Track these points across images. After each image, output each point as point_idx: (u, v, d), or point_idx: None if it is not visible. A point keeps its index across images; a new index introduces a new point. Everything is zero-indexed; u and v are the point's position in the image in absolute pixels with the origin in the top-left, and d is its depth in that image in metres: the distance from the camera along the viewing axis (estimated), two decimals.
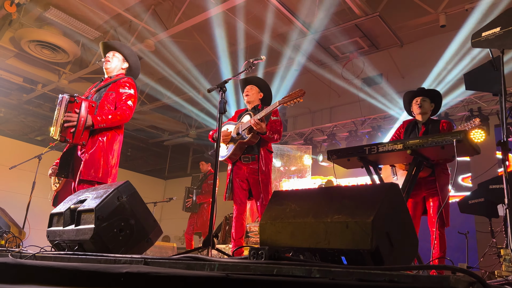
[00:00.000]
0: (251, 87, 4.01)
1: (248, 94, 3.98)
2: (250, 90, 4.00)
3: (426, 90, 3.97)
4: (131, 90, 3.47)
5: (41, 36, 7.59)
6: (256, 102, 4.01)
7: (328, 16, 6.95)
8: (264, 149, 3.83)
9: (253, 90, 4.00)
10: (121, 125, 3.50)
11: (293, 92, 3.43)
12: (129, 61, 3.74)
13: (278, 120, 3.83)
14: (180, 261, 1.66)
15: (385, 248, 1.57)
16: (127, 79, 3.55)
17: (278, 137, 3.79)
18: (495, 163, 6.47)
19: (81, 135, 3.22)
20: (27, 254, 2.38)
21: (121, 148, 3.55)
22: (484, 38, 2.70)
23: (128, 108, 3.39)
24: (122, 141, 3.56)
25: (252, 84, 4.04)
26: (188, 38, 8.02)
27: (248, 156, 3.80)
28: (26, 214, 6.10)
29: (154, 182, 14.59)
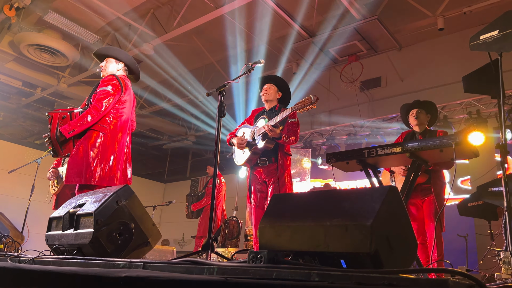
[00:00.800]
0: (270, 86, 3.93)
1: (267, 93, 3.90)
2: (269, 89, 3.92)
3: (421, 102, 4.12)
4: (107, 86, 3.43)
5: (40, 40, 7.60)
6: (274, 102, 3.93)
7: (326, 19, 6.97)
8: (281, 153, 3.75)
9: (272, 89, 3.92)
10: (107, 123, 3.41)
11: (306, 99, 3.36)
12: (122, 60, 3.73)
13: (295, 122, 3.76)
14: (179, 265, 1.65)
15: (385, 251, 1.57)
16: (107, 76, 3.53)
17: (295, 139, 3.72)
18: (494, 165, 6.47)
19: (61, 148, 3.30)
20: (25, 259, 2.37)
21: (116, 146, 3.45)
22: (482, 41, 2.71)
23: (99, 104, 3.33)
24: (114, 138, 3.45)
25: (271, 83, 3.95)
26: (187, 42, 8.04)
27: (265, 159, 3.74)
28: (25, 218, 6.08)
29: (153, 185, 14.58)
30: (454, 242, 5.83)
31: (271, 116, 3.76)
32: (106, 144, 3.38)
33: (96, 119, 3.34)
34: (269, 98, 3.90)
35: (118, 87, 3.46)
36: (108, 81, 3.46)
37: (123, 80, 3.55)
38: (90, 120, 3.31)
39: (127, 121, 3.60)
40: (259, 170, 3.81)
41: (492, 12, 6.16)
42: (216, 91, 3.17)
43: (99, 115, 3.34)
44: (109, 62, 3.69)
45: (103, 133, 3.39)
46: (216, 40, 8.01)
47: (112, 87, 3.43)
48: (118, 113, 3.49)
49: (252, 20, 7.14)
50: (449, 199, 7.04)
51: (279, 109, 3.83)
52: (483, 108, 7.11)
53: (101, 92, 3.38)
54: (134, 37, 7.67)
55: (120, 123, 3.51)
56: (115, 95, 3.43)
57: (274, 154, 3.73)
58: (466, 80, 2.95)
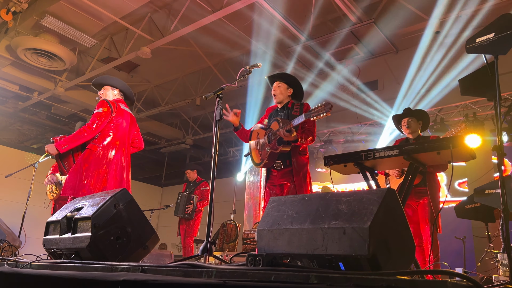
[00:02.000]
0: (279, 84, 3.81)
1: (276, 94, 3.80)
2: (278, 89, 3.80)
3: (411, 110, 4.24)
4: (99, 109, 3.87)
5: (37, 44, 7.59)
6: (286, 100, 3.80)
7: (324, 23, 7.00)
8: (295, 154, 3.64)
9: (281, 87, 3.80)
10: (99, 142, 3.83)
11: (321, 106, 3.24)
12: (117, 87, 4.18)
13: (311, 120, 3.56)
14: (177, 269, 1.65)
15: (383, 254, 1.57)
16: (100, 101, 3.97)
17: (312, 139, 3.62)
18: (491, 168, 6.49)
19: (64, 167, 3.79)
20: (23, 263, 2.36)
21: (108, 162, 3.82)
22: (478, 44, 2.73)
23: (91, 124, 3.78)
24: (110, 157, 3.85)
25: (279, 81, 3.84)
26: (184, 46, 8.04)
27: (280, 162, 3.63)
28: (22, 222, 6.05)
29: (151, 189, 14.55)
30: (452, 244, 5.84)
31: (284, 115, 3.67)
32: (98, 160, 3.77)
33: (89, 136, 3.77)
34: (279, 99, 3.79)
35: (108, 109, 3.89)
36: (100, 105, 3.91)
37: (113, 103, 3.97)
38: (82, 137, 3.73)
39: (122, 139, 3.99)
40: (275, 173, 3.71)
41: (488, 15, 6.20)
42: (213, 95, 3.18)
43: (91, 132, 3.76)
44: (106, 90, 4.14)
45: (95, 151, 3.79)
46: (213, 44, 8.02)
47: (103, 109, 3.86)
48: (110, 133, 3.90)
49: (249, 24, 7.15)
50: (447, 202, 7.06)
51: (292, 106, 3.73)
52: (480, 111, 7.14)
53: (94, 115, 3.84)
54: (132, 41, 7.67)
55: (113, 141, 3.90)
56: (107, 116, 3.85)
57: (289, 157, 3.62)
58: (463, 82, 2.96)
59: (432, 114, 7.51)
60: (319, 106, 3.25)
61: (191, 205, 6.96)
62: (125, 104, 4.15)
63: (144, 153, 13.42)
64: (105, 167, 3.77)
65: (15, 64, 8.69)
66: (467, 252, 5.46)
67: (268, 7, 6.21)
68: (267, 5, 6.18)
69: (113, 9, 7.05)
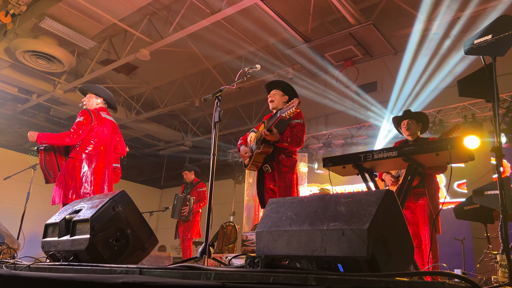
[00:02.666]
0: (274, 92, 3.94)
1: (273, 100, 3.91)
2: (273, 96, 3.93)
3: (411, 112, 4.25)
4: (80, 118, 4.05)
5: (36, 46, 7.60)
6: (281, 106, 3.87)
7: (322, 24, 7.01)
8: (281, 155, 3.72)
9: (277, 94, 3.92)
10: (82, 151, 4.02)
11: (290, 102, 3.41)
12: (101, 96, 4.35)
13: (299, 123, 3.76)
14: (176, 271, 1.65)
15: (381, 255, 1.57)
16: (81, 110, 4.14)
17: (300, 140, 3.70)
18: (490, 169, 6.50)
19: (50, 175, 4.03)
20: (21, 265, 2.36)
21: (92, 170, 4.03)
22: (476, 45, 2.73)
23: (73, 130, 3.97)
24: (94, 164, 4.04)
25: (276, 88, 3.96)
26: (183, 48, 8.05)
27: (267, 165, 3.75)
28: (20, 224, 6.05)
29: (149, 191, 14.54)
30: (451, 246, 5.83)
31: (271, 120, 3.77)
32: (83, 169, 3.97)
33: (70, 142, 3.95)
34: (275, 105, 3.90)
35: (89, 117, 4.06)
36: (81, 113, 4.09)
37: (93, 112, 4.14)
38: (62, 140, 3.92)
39: (105, 147, 4.17)
40: (265, 178, 3.82)
41: (485, 17, 6.21)
42: (212, 96, 3.18)
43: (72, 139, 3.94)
44: (90, 97, 4.32)
45: (80, 159, 3.98)
46: (212, 46, 8.03)
47: (84, 118, 4.04)
48: (92, 141, 4.08)
49: (248, 25, 7.16)
50: (446, 203, 7.06)
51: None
52: (478, 112, 7.15)
53: (76, 123, 4.02)
54: (131, 43, 7.68)
55: (95, 149, 4.08)
56: (87, 125, 4.03)
57: (274, 159, 3.72)
58: (461, 84, 2.96)
59: (431, 115, 7.52)
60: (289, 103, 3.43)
61: (187, 206, 6.92)
62: (107, 112, 4.36)
63: (143, 155, 13.42)
64: (90, 175, 3.98)
65: (14, 66, 8.69)
66: (466, 253, 5.46)
67: (267, 9, 6.22)
68: (266, 7, 6.19)
69: (112, 11, 7.06)
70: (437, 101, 7.44)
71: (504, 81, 6.18)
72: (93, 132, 4.09)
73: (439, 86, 7.42)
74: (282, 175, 3.67)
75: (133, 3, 6.87)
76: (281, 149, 3.70)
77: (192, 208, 6.93)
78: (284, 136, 3.64)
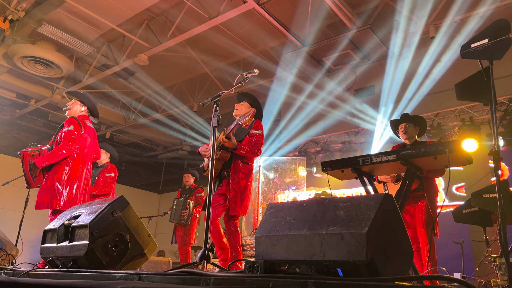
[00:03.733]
0: (242, 103, 4.11)
1: (238, 109, 4.08)
2: (240, 106, 4.09)
3: (409, 116, 4.28)
4: (70, 126, 4.16)
5: (34, 52, 7.60)
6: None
7: (319, 29, 7.03)
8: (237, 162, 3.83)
9: (243, 106, 4.09)
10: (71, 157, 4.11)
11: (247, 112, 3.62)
12: (85, 103, 4.46)
13: (256, 134, 3.89)
14: (175, 276, 1.65)
15: (381, 259, 1.57)
16: (69, 119, 4.24)
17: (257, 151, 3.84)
18: (488, 172, 6.51)
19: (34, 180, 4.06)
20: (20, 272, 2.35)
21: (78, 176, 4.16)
22: (473, 49, 2.75)
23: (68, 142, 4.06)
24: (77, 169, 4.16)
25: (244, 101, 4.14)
26: (181, 52, 8.06)
27: (224, 172, 3.84)
28: (19, 231, 6.02)
29: (148, 196, 14.50)
30: (450, 249, 5.83)
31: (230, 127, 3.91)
32: (70, 175, 4.07)
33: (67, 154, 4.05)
34: (237, 113, 4.05)
35: (78, 127, 4.19)
36: (70, 122, 4.18)
37: (81, 121, 4.27)
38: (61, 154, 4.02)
39: (88, 154, 4.30)
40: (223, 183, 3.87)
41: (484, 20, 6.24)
42: (210, 101, 3.19)
43: (68, 150, 4.05)
44: (75, 104, 4.42)
45: (67, 166, 4.07)
46: (210, 50, 8.05)
47: (74, 127, 4.16)
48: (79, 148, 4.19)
49: (246, 30, 7.18)
50: (444, 206, 7.07)
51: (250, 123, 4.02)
52: (476, 115, 7.18)
53: (68, 132, 4.10)
54: (129, 48, 7.69)
55: (81, 156, 4.20)
56: (78, 134, 4.17)
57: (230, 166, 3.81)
58: (459, 87, 2.98)
59: (429, 119, 7.54)
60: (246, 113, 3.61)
61: (187, 210, 6.89)
62: (90, 120, 4.49)
63: (141, 159, 13.41)
64: (76, 181, 4.11)
65: (12, 71, 8.69)
66: (466, 256, 5.46)
67: (265, 13, 6.24)
68: (264, 12, 6.21)
69: (110, 17, 7.08)
70: (435, 105, 7.46)
71: (501, 84, 6.20)
72: (81, 139, 4.22)
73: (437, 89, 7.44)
74: (236, 180, 3.75)
75: (131, 8, 6.89)
76: (238, 156, 3.82)
77: (192, 212, 6.90)
78: (242, 144, 3.77)
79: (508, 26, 2.60)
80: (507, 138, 6.27)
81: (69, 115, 4.36)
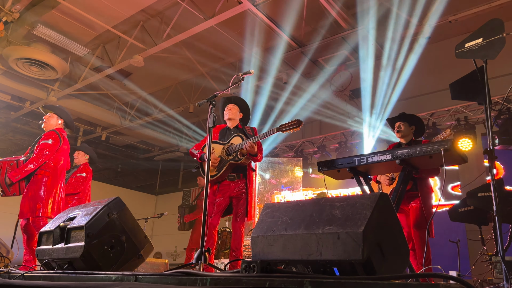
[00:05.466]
0: (233, 106, 4.14)
1: (231, 112, 4.10)
2: (233, 109, 4.12)
3: (404, 115, 4.27)
4: (48, 140, 4.32)
5: (29, 54, 7.57)
6: (236, 121, 4.13)
7: (315, 29, 7.05)
8: (249, 169, 3.97)
9: (235, 109, 4.13)
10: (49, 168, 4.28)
11: (291, 122, 3.54)
12: (62, 117, 4.61)
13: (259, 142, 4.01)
14: (171, 277, 1.65)
15: (377, 258, 1.57)
16: (49, 132, 4.41)
17: (261, 156, 3.98)
18: (483, 171, 6.54)
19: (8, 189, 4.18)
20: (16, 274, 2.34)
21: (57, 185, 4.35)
22: (467, 48, 2.76)
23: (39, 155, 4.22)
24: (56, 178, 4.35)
25: (234, 104, 4.17)
26: (177, 53, 8.06)
27: (234, 175, 3.90)
28: (14, 233, 5.99)
29: (145, 198, 14.47)
30: (446, 248, 5.85)
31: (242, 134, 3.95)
32: (49, 184, 4.24)
33: (37, 166, 4.20)
34: (232, 116, 4.09)
35: (57, 140, 4.35)
36: (49, 135, 4.35)
37: (61, 134, 4.44)
38: (32, 167, 4.18)
39: (65, 164, 4.49)
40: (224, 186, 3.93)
41: (476, 20, 6.28)
42: (206, 102, 3.19)
43: (39, 162, 4.20)
44: (52, 117, 4.56)
45: (46, 176, 4.24)
46: (206, 51, 8.05)
47: (53, 140, 4.33)
48: (57, 159, 4.36)
49: (242, 31, 7.19)
50: (440, 205, 7.10)
51: (243, 128, 4.08)
52: (471, 115, 7.21)
53: (43, 145, 4.26)
54: (124, 49, 7.67)
55: (60, 167, 4.38)
56: (55, 146, 4.33)
57: (243, 170, 3.92)
58: (453, 87, 2.99)
59: (424, 118, 7.57)
60: (290, 122, 3.56)
61: None
62: (65, 133, 4.66)
63: (137, 161, 13.38)
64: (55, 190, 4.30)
65: (6, 74, 8.65)
66: (461, 255, 5.47)
67: (260, 14, 6.25)
68: (259, 12, 6.22)
69: (105, 18, 7.06)
70: (430, 104, 7.49)
71: (495, 83, 6.23)
72: (60, 151, 4.41)
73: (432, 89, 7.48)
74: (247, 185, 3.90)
75: (126, 9, 6.88)
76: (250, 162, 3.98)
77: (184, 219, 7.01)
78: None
79: (502, 25, 2.61)
80: (502, 137, 6.30)
81: (45, 128, 4.53)
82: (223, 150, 3.94)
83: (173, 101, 9.87)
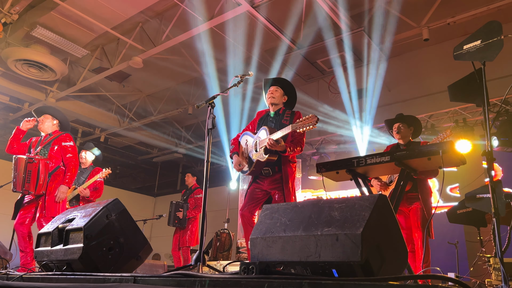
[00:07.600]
0: (276, 89, 3.79)
1: (273, 96, 3.75)
2: (275, 92, 3.76)
3: (402, 116, 4.28)
4: (70, 142, 4.54)
5: (28, 55, 7.56)
6: (280, 105, 3.79)
7: (314, 31, 7.06)
8: (284, 162, 3.61)
9: (278, 92, 3.78)
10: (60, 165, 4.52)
11: (307, 118, 3.24)
12: (56, 117, 4.66)
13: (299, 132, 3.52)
14: (170, 278, 1.64)
15: (375, 260, 1.58)
16: (66, 134, 4.59)
17: (301, 149, 3.60)
18: (482, 173, 6.55)
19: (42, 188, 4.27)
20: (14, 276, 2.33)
21: None
22: (465, 50, 2.77)
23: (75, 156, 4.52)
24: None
25: (278, 86, 3.81)
26: (176, 55, 8.06)
27: (268, 169, 3.59)
28: (12, 235, 5.98)
29: (143, 199, 14.44)
30: (445, 250, 5.86)
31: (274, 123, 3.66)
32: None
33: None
34: (275, 101, 3.75)
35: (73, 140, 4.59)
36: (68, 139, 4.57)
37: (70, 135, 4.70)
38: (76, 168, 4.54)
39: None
40: (262, 179, 3.67)
41: (475, 22, 6.30)
42: (205, 103, 3.19)
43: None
44: (46, 118, 4.60)
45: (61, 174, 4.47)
46: (205, 53, 8.05)
47: (73, 142, 4.56)
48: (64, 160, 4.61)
49: (241, 33, 7.19)
50: (439, 207, 7.10)
51: (283, 113, 3.71)
52: (469, 117, 7.22)
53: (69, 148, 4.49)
54: (123, 51, 7.67)
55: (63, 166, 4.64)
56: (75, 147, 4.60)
57: (278, 164, 3.58)
58: (452, 89, 2.99)
59: (423, 120, 7.58)
60: (305, 118, 3.24)
61: (180, 212, 6.86)
62: None
63: (136, 162, 13.36)
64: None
65: (5, 75, 8.64)
66: (460, 257, 5.48)
67: (259, 16, 6.26)
68: (258, 14, 6.22)
69: (104, 20, 7.06)
70: (428, 106, 7.50)
71: (493, 85, 6.24)
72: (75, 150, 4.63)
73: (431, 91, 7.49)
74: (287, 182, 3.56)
75: (125, 11, 6.88)
76: (286, 156, 3.60)
77: (186, 215, 6.88)
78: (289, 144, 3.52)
79: (500, 27, 2.62)
80: (501, 138, 6.31)
81: (42, 129, 4.60)
82: (253, 145, 3.67)
83: (172, 102, 9.87)
